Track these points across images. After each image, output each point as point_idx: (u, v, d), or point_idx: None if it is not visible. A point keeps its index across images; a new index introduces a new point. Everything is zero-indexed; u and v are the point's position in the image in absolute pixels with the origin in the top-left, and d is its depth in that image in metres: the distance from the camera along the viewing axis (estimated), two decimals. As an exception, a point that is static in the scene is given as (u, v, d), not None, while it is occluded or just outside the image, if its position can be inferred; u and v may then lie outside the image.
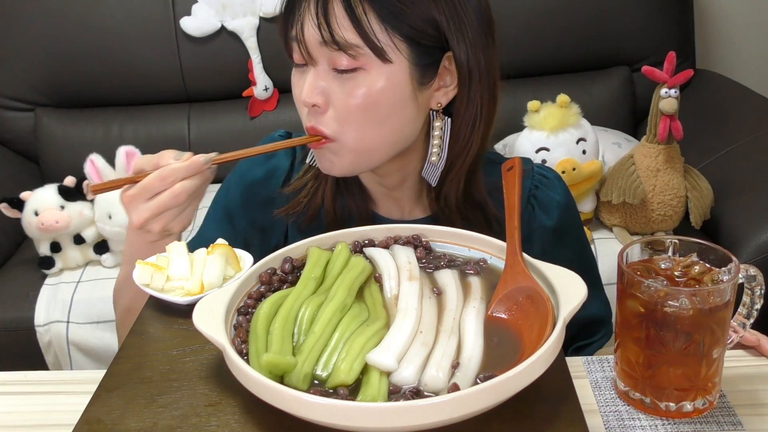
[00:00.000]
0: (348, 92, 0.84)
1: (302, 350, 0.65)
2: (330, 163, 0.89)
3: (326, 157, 0.89)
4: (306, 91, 0.85)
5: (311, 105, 0.85)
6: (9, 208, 1.93)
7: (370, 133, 0.86)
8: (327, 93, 0.85)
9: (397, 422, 0.56)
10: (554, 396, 0.64)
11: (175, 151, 0.88)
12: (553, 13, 2.34)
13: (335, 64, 0.84)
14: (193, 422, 0.63)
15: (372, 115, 0.85)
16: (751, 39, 2.64)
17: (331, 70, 0.84)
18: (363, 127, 0.86)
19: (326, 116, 0.86)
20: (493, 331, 0.69)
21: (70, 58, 2.34)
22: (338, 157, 0.88)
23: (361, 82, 0.84)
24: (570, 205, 1.03)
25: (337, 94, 0.84)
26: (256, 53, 2.35)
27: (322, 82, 0.85)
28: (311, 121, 0.86)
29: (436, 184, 0.94)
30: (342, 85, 0.84)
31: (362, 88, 0.84)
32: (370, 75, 0.84)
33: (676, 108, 2.14)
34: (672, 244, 0.79)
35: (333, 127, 0.86)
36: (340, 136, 0.86)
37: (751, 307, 0.77)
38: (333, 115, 0.85)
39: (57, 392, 0.87)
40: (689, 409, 0.76)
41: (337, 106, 0.85)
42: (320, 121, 0.86)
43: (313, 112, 0.86)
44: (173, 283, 0.81)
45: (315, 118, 0.86)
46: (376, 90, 0.84)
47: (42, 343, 1.84)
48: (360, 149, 0.87)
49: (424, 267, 0.78)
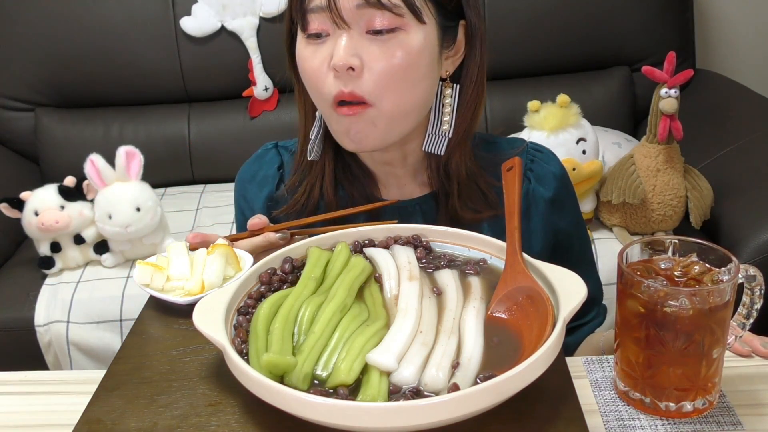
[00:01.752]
0: (387, 53, 0.84)
1: (302, 350, 0.65)
2: (362, 136, 0.88)
3: (359, 129, 0.87)
4: (343, 54, 0.83)
5: (347, 68, 0.83)
6: (9, 208, 1.93)
7: (406, 95, 0.86)
8: (362, 56, 0.84)
9: (397, 422, 0.56)
10: (554, 396, 0.64)
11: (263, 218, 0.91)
12: (553, 13, 2.34)
13: (372, 25, 0.83)
14: (193, 422, 0.63)
15: (410, 76, 0.85)
16: (751, 39, 2.64)
17: (365, 34, 0.84)
18: (400, 89, 0.85)
19: (362, 80, 0.84)
20: (493, 331, 0.69)
21: (70, 58, 2.34)
22: (373, 126, 0.87)
23: (400, 42, 0.84)
24: (565, 177, 1.04)
25: (375, 56, 0.84)
26: (256, 53, 2.35)
27: (356, 45, 0.84)
28: (347, 86, 0.84)
29: (444, 155, 0.94)
30: (380, 46, 0.84)
31: (402, 48, 0.84)
32: (409, 35, 0.84)
33: (676, 108, 2.14)
34: (672, 244, 0.79)
35: (370, 89, 0.84)
36: (378, 100, 0.85)
37: (751, 307, 0.77)
38: (369, 78, 0.84)
39: (57, 392, 0.87)
40: (689, 409, 0.76)
41: (375, 67, 0.84)
42: (357, 85, 0.85)
43: (346, 76, 0.84)
44: (173, 283, 0.81)
45: (351, 83, 0.84)
46: (415, 50, 0.84)
47: (42, 343, 1.85)
48: (395, 114, 0.87)
49: (424, 267, 0.78)
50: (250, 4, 2.32)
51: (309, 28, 0.86)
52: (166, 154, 2.38)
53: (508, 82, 2.37)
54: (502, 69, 2.34)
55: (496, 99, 2.31)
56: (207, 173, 2.44)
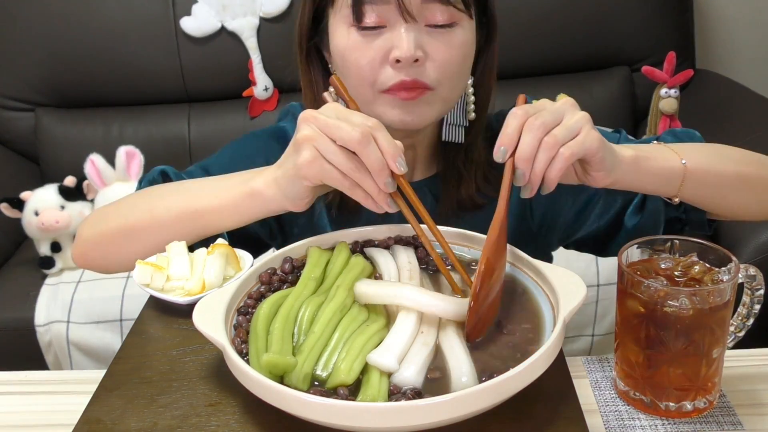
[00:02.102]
0: (449, 45, 0.88)
1: (302, 350, 0.65)
2: (420, 117, 0.90)
3: (418, 110, 0.90)
4: (408, 46, 0.86)
5: (414, 59, 0.86)
6: (9, 208, 1.93)
7: (460, 83, 0.92)
8: (424, 48, 0.87)
9: (397, 422, 0.56)
10: (554, 396, 0.64)
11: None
12: (553, 13, 2.34)
13: (434, 20, 0.87)
14: (193, 422, 0.63)
15: (464, 67, 0.91)
16: (751, 39, 2.64)
17: (425, 27, 0.88)
18: (456, 78, 0.91)
19: (424, 68, 0.88)
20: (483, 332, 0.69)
21: (70, 58, 2.34)
22: (430, 106, 0.90)
23: (457, 35, 0.88)
24: None
25: (436, 48, 0.88)
26: (256, 53, 2.35)
27: (419, 38, 0.87)
28: (410, 75, 0.87)
29: (465, 143, 0.98)
30: (439, 39, 0.88)
31: (459, 41, 0.89)
32: (464, 30, 0.89)
33: (676, 108, 2.14)
34: (672, 244, 0.79)
35: (433, 77, 0.88)
36: (438, 85, 0.89)
37: (751, 307, 0.77)
38: (431, 68, 0.88)
39: (57, 392, 0.87)
40: (689, 409, 0.76)
41: (438, 58, 0.88)
42: (421, 73, 0.88)
43: (409, 66, 0.87)
44: (173, 283, 0.82)
45: (414, 72, 0.88)
46: (468, 43, 0.90)
47: (42, 343, 1.85)
48: (449, 98, 0.92)
49: (425, 268, 0.78)
50: (250, 4, 2.31)
51: (366, 20, 0.87)
52: (166, 154, 2.37)
53: (508, 82, 2.37)
54: (502, 69, 2.31)
55: (496, 99, 2.31)
56: (207, 173, 2.44)
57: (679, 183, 0.84)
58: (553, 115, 0.74)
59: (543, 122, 0.73)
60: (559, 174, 0.74)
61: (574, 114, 0.76)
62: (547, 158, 0.73)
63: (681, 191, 0.85)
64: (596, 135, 0.75)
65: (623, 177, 0.81)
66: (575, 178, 0.82)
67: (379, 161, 0.72)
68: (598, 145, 0.75)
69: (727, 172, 0.88)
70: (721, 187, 0.87)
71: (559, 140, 0.73)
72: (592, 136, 0.75)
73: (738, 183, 0.88)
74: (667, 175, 0.84)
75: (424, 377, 0.63)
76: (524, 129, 0.74)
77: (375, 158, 0.72)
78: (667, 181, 0.84)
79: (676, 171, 0.84)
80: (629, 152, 0.81)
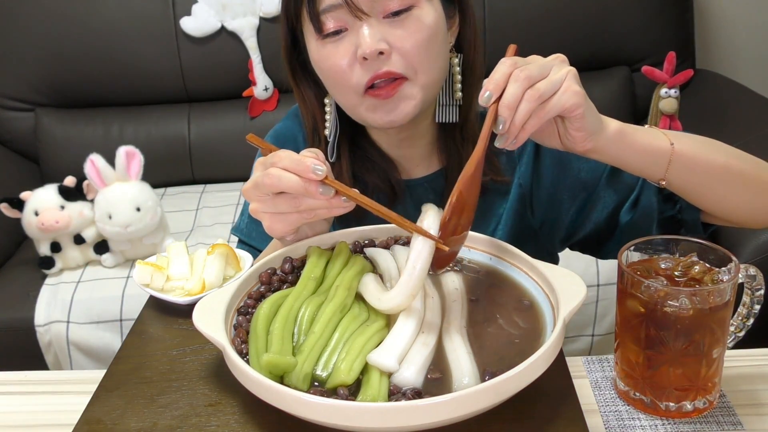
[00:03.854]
0: (410, 30, 0.88)
1: (302, 350, 0.65)
2: (401, 113, 0.91)
3: (399, 106, 0.90)
4: (371, 41, 0.87)
5: (378, 53, 0.87)
6: (9, 208, 1.93)
7: (434, 65, 0.91)
8: (387, 40, 0.88)
9: (397, 422, 0.56)
10: (554, 396, 0.64)
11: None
12: (553, 13, 2.34)
13: (388, 9, 0.87)
14: (193, 422, 0.63)
15: (433, 46, 0.90)
16: (751, 39, 2.64)
17: (383, 19, 0.88)
18: (429, 60, 0.90)
19: (392, 60, 0.88)
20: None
21: (70, 58, 2.34)
22: (411, 100, 0.90)
23: (417, 18, 0.88)
24: None
25: (398, 37, 0.88)
26: (256, 53, 2.35)
27: (378, 31, 0.88)
28: (381, 68, 0.88)
29: (459, 121, 0.98)
30: (400, 27, 0.88)
31: (421, 23, 0.88)
32: (423, 10, 0.89)
33: (675, 108, 2.14)
34: (672, 244, 0.79)
35: (403, 66, 0.88)
36: (412, 72, 0.89)
37: (751, 307, 0.77)
38: (399, 57, 0.88)
39: (57, 392, 0.87)
40: (689, 409, 0.76)
41: (403, 46, 0.88)
42: (390, 64, 0.88)
43: (377, 60, 0.88)
44: (173, 283, 0.82)
45: (384, 64, 0.88)
46: (432, 23, 0.89)
47: (42, 343, 1.85)
48: (429, 82, 0.91)
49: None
50: (250, 4, 2.32)
51: (325, 28, 0.89)
52: (166, 154, 2.38)
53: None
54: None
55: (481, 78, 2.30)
56: (207, 173, 2.44)
57: (665, 164, 0.83)
58: (540, 69, 0.75)
59: (528, 74, 0.74)
60: (535, 127, 0.74)
61: (560, 69, 0.76)
62: (527, 110, 0.73)
63: (668, 174, 0.84)
64: (578, 90, 0.75)
65: (606, 146, 0.80)
66: (557, 139, 0.81)
67: (299, 185, 0.72)
68: (578, 101, 0.75)
69: (716, 162, 0.86)
70: (709, 176, 0.86)
71: (542, 94, 0.73)
72: (573, 90, 0.74)
73: (726, 175, 0.87)
74: (653, 153, 0.82)
75: (424, 377, 0.63)
76: (510, 78, 0.74)
77: (292, 185, 0.72)
78: (653, 160, 0.83)
79: (663, 150, 0.83)
80: (615, 123, 0.81)
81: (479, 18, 2.29)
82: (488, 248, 0.79)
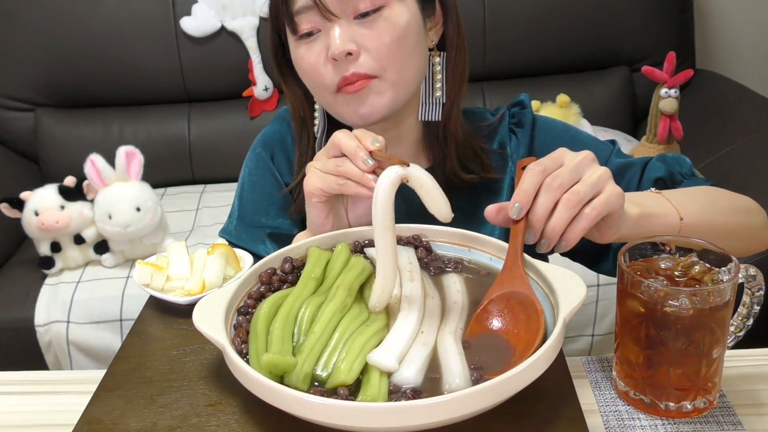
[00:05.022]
0: (379, 31, 0.89)
1: (302, 350, 0.65)
2: (371, 107, 0.92)
3: (368, 100, 0.91)
4: (339, 42, 0.88)
5: (345, 54, 0.88)
6: (9, 208, 1.93)
7: (405, 64, 0.92)
8: (356, 40, 0.89)
9: (397, 422, 0.56)
10: (554, 396, 0.64)
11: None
12: (552, 12, 2.34)
13: (358, 10, 0.88)
14: (193, 422, 0.63)
15: (404, 47, 0.91)
16: (751, 39, 2.64)
17: (353, 20, 0.89)
18: (400, 59, 0.91)
19: (361, 60, 0.89)
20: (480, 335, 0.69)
21: (71, 58, 2.34)
22: (380, 95, 0.91)
23: (387, 18, 0.89)
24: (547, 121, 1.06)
25: (368, 37, 0.89)
26: (256, 53, 2.36)
27: (348, 32, 0.89)
28: (348, 69, 0.89)
29: (441, 119, 0.98)
30: (370, 28, 0.89)
31: (390, 23, 0.89)
32: (394, 11, 0.90)
33: (676, 108, 2.14)
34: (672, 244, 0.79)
35: (372, 66, 0.89)
36: (381, 72, 0.90)
37: (751, 307, 0.77)
38: (368, 57, 0.89)
39: (57, 392, 0.87)
40: (689, 409, 0.76)
41: (372, 46, 0.89)
42: (358, 66, 0.89)
43: (346, 61, 0.89)
44: (173, 283, 0.82)
45: (352, 66, 0.89)
46: (403, 23, 0.90)
47: (42, 343, 1.85)
48: (399, 82, 0.92)
49: (427, 267, 0.78)
50: (250, 4, 2.32)
51: (299, 30, 0.91)
52: (166, 154, 2.38)
53: (508, 82, 2.37)
54: (502, 69, 2.34)
55: (496, 99, 2.31)
56: (207, 173, 2.44)
57: (674, 234, 0.85)
58: (571, 174, 0.72)
59: (561, 183, 0.72)
60: (581, 234, 0.72)
61: (595, 170, 0.74)
62: (567, 216, 0.71)
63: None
64: (619, 192, 0.74)
65: (627, 233, 0.80)
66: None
67: (353, 145, 0.78)
68: (621, 203, 0.74)
69: (717, 224, 0.89)
70: (710, 236, 0.87)
71: (582, 198, 0.71)
72: (617, 194, 0.73)
73: (725, 233, 0.90)
74: (665, 230, 0.84)
75: (424, 377, 0.63)
76: (542, 188, 0.72)
77: (348, 144, 0.78)
78: (664, 234, 0.84)
79: (674, 227, 0.85)
80: (635, 210, 0.81)
81: (479, 18, 2.29)
82: (488, 248, 0.79)
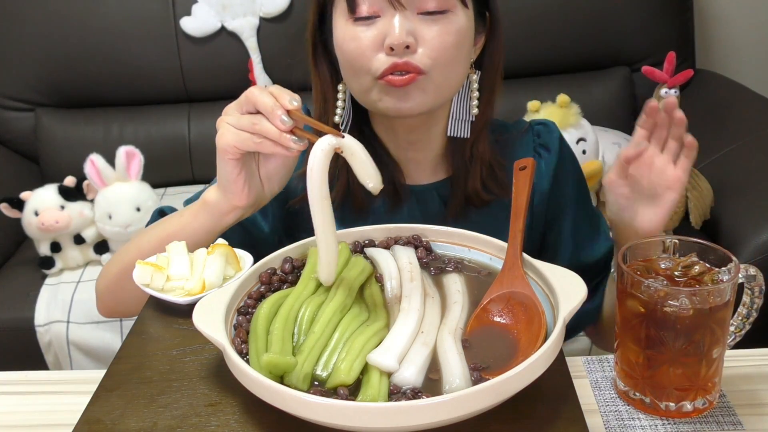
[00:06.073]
0: (440, 31, 0.90)
1: (302, 350, 0.65)
2: (413, 102, 0.92)
3: (412, 96, 0.92)
4: (400, 32, 0.89)
5: (405, 45, 0.89)
6: (9, 208, 1.93)
7: (454, 69, 0.93)
8: (416, 34, 0.90)
9: (397, 422, 0.56)
10: (554, 396, 0.64)
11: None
12: (552, 13, 2.34)
13: (425, 7, 0.90)
14: (193, 422, 0.63)
15: (458, 52, 0.92)
16: (751, 39, 2.64)
17: (417, 15, 0.90)
18: (451, 63, 0.92)
19: (417, 55, 0.90)
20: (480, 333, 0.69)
21: (70, 58, 2.34)
22: (424, 92, 0.92)
23: (450, 22, 0.91)
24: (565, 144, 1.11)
25: (428, 34, 0.90)
26: (256, 53, 2.35)
27: (410, 25, 0.90)
28: (402, 58, 0.90)
29: (470, 137, 1.00)
30: (431, 26, 0.90)
31: (452, 28, 0.91)
32: (457, 17, 0.91)
33: (676, 108, 2.13)
34: (672, 244, 0.79)
35: (425, 62, 0.90)
36: (431, 70, 0.91)
37: (751, 306, 0.77)
38: (424, 53, 0.90)
39: (57, 392, 0.87)
40: (689, 409, 0.76)
41: (431, 44, 0.90)
42: (411, 58, 0.90)
43: (400, 53, 0.90)
44: (173, 283, 0.81)
45: (406, 56, 0.90)
46: (462, 30, 0.92)
47: (42, 343, 1.85)
48: (444, 84, 0.93)
49: (427, 267, 0.78)
50: (250, 4, 2.31)
51: (359, 11, 0.91)
52: (166, 154, 2.37)
53: (508, 82, 2.34)
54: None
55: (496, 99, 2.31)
56: (207, 173, 2.43)
57: None
58: None
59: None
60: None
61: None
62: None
63: None
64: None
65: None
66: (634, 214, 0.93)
67: (270, 103, 0.79)
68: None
69: None
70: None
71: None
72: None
73: None
74: None
75: (424, 377, 0.63)
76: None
77: (265, 101, 0.79)
78: None
79: None
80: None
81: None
82: (488, 248, 0.79)
